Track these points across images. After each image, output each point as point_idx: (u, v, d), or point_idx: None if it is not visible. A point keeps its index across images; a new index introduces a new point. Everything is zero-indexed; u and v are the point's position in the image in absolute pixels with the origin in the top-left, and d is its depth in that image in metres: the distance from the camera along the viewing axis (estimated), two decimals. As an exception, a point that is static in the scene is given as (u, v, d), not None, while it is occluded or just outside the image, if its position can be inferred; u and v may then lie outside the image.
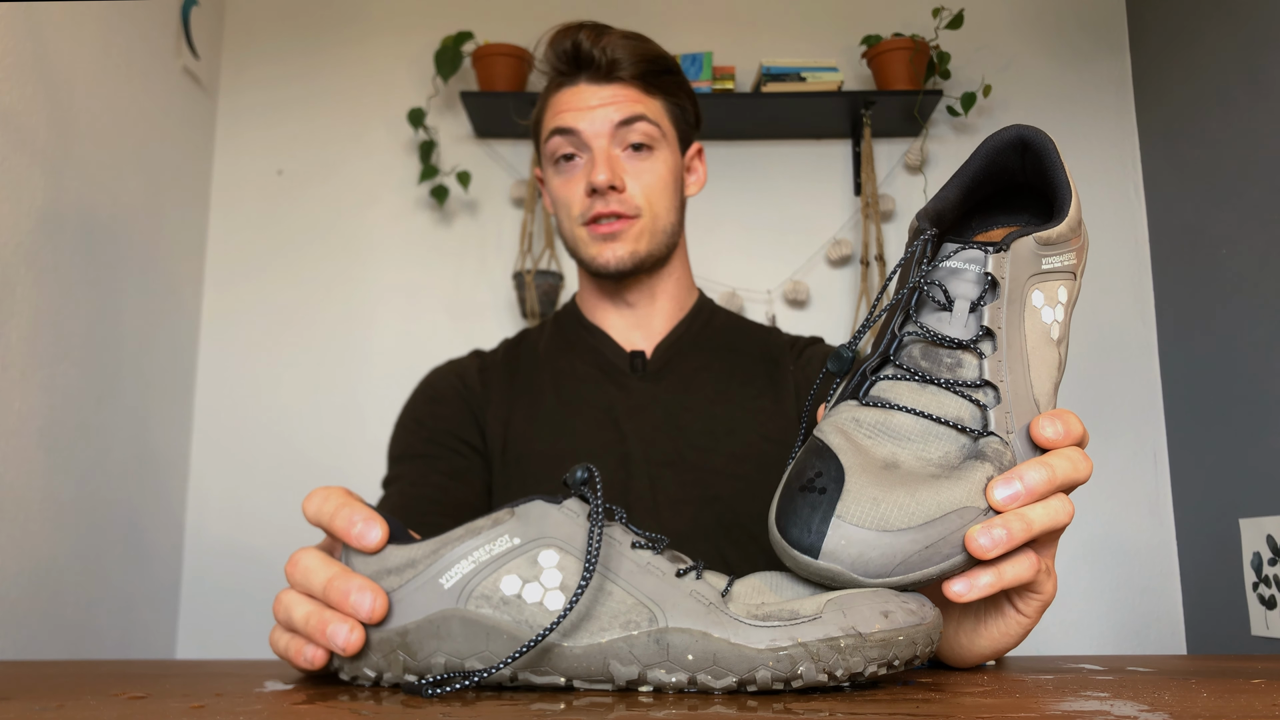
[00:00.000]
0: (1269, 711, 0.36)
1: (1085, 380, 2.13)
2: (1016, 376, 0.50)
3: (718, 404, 0.95)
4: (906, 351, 0.51)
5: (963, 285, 0.51)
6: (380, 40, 2.25)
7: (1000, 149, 0.56)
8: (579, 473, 0.46)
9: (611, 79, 0.95)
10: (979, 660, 0.57)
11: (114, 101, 1.73)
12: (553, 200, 1.00)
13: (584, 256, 0.97)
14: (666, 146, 0.98)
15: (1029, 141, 0.56)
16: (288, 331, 2.14)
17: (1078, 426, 0.50)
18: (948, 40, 2.22)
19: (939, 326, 0.51)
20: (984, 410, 0.49)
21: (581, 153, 0.96)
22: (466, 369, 1.01)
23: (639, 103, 0.95)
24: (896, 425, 0.49)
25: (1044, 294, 0.51)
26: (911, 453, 0.48)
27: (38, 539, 1.49)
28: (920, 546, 0.45)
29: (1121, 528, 2.08)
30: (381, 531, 0.47)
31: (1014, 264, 0.50)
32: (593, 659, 0.43)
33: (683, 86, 1.01)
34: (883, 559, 0.45)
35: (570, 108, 0.95)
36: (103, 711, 0.39)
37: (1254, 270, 1.79)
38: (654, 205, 0.96)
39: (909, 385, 0.50)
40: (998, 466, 0.48)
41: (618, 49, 0.94)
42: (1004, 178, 0.58)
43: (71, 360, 1.58)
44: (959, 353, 0.50)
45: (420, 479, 0.92)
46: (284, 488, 2.07)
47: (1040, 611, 0.53)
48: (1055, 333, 0.52)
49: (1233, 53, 1.87)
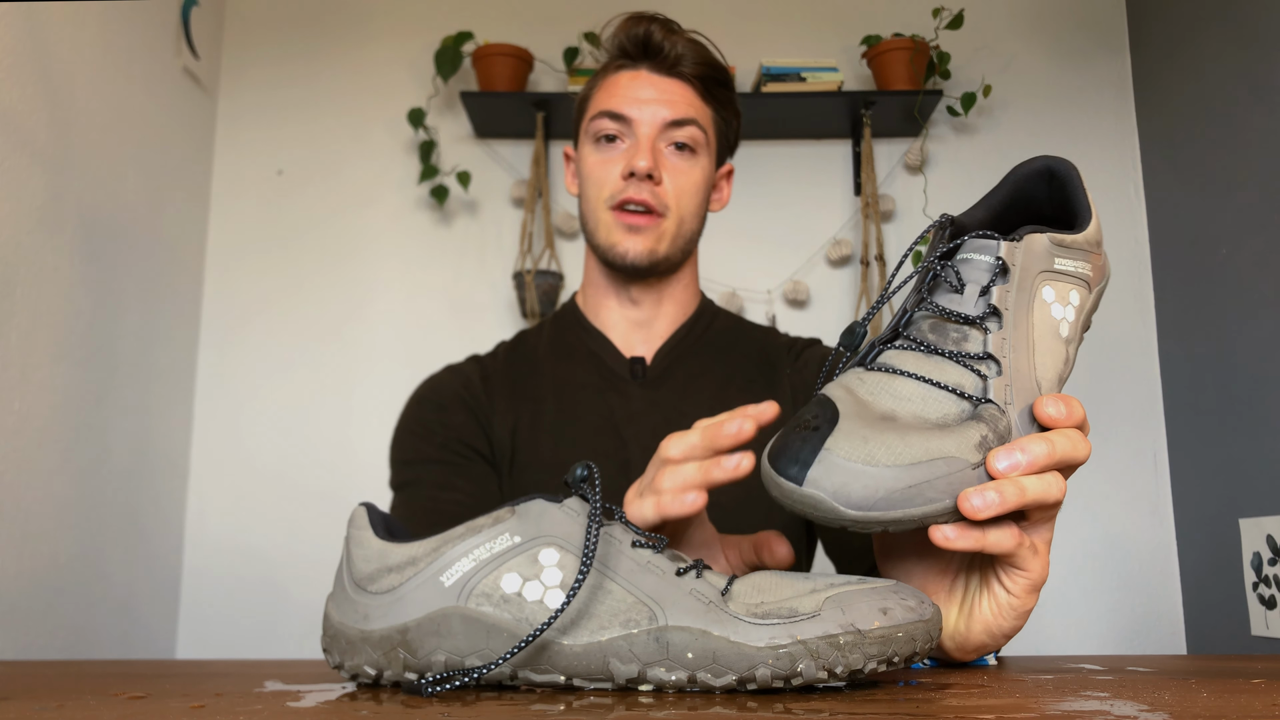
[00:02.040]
0: (1269, 711, 0.36)
1: (1085, 380, 2.13)
2: (1019, 355, 0.52)
3: (717, 410, 0.95)
4: (916, 326, 0.54)
5: (975, 271, 0.53)
6: (380, 40, 2.25)
7: (1028, 177, 0.59)
8: (579, 470, 0.46)
9: (673, 73, 0.97)
10: (978, 649, 0.56)
11: (114, 101, 1.73)
12: (583, 177, 0.99)
13: (604, 242, 0.96)
14: (706, 154, 0.99)
15: (1055, 172, 0.58)
16: (287, 331, 2.14)
17: (1080, 410, 0.51)
18: (948, 40, 2.22)
19: (949, 306, 0.53)
20: (985, 380, 0.51)
21: (625, 137, 0.96)
22: (469, 376, 1.00)
23: (692, 106, 0.97)
24: (898, 387, 0.51)
25: (1055, 291, 0.53)
26: (910, 411, 0.50)
27: (38, 539, 1.49)
28: (904, 485, 0.46)
29: (1121, 528, 2.08)
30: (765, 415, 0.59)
31: (1026, 255, 0.53)
32: (592, 657, 0.43)
33: (733, 104, 1.02)
34: (865, 491, 0.46)
35: (626, 93, 0.96)
36: (103, 711, 0.39)
37: (1254, 270, 1.79)
38: (682, 207, 0.96)
39: (915, 355, 0.52)
40: (993, 429, 0.49)
41: (685, 47, 0.97)
42: (1029, 207, 0.60)
43: (71, 360, 1.58)
44: (966, 328, 0.52)
45: (445, 482, 0.92)
46: (284, 487, 2.07)
47: (1029, 592, 0.53)
48: (1065, 330, 0.54)
49: (1233, 53, 1.87)
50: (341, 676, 0.52)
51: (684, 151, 0.96)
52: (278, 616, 2.02)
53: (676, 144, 0.96)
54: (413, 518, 0.91)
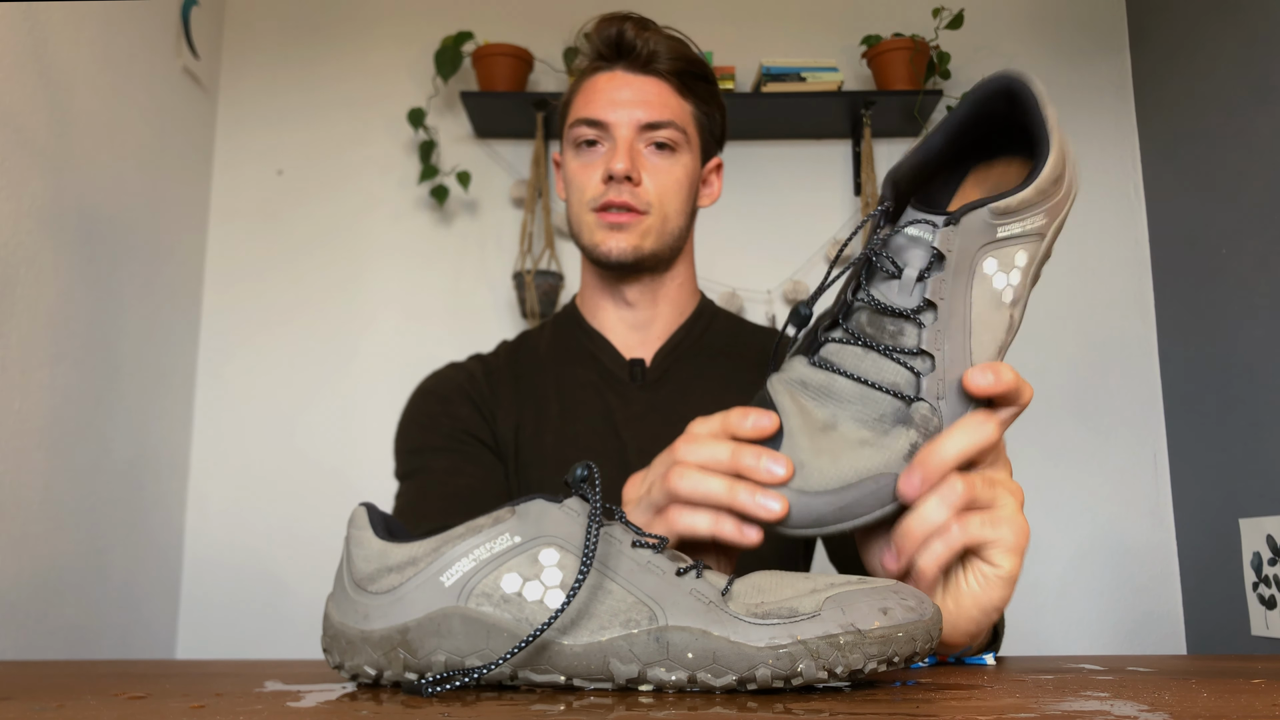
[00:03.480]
0: (1269, 711, 0.36)
1: (1085, 380, 2.13)
2: (954, 345, 0.53)
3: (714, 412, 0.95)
4: (855, 317, 0.55)
5: (913, 255, 0.53)
6: (380, 40, 2.25)
7: (988, 97, 0.57)
8: (579, 470, 0.46)
9: (648, 70, 0.97)
10: (972, 630, 0.55)
11: (114, 101, 1.73)
12: (566, 183, 1.00)
13: (588, 243, 0.97)
14: (688, 151, 0.98)
15: (1014, 92, 0.56)
16: (287, 331, 2.14)
17: (1008, 374, 0.53)
18: (948, 40, 2.22)
19: (887, 294, 0.54)
20: (919, 377, 0.53)
21: (604, 141, 0.96)
22: (472, 372, 1.01)
23: (668, 105, 0.96)
24: (839, 389, 0.54)
25: (998, 261, 0.54)
26: (850, 414, 0.54)
27: (38, 539, 1.49)
28: (834, 508, 0.52)
29: (1121, 528, 2.08)
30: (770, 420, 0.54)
31: (963, 236, 0.53)
32: (593, 657, 0.43)
33: (715, 97, 1.02)
34: (798, 514, 0.52)
35: (602, 98, 0.96)
36: (103, 711, 0.39)
37: (1254, 270, 1.79)
38: (665, 205, 0.96)
39: (854, 350, 0.55)
40: (923, 432, 0.53)
41: (659, 43, 0.96)
42: (993, 122, 0.59)
43: (71, 360, 1.58)
44: (901, 321, 0.54)
45: (454, 468, 0.93)
46: (283, 487, 2.07)
47: (1011, 555, 0.53)
48: (1008, 296, 0.54)
49: (1233, 53, 1.87)
50: (341, 676, 0.52)
51: (664, 150, 0.96)
52: (278, 616, 2.02)
53: (656, 144, 0.96)
54: (425, 501, 0.91)
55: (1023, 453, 2.08)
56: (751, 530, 0.53)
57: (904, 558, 0.52)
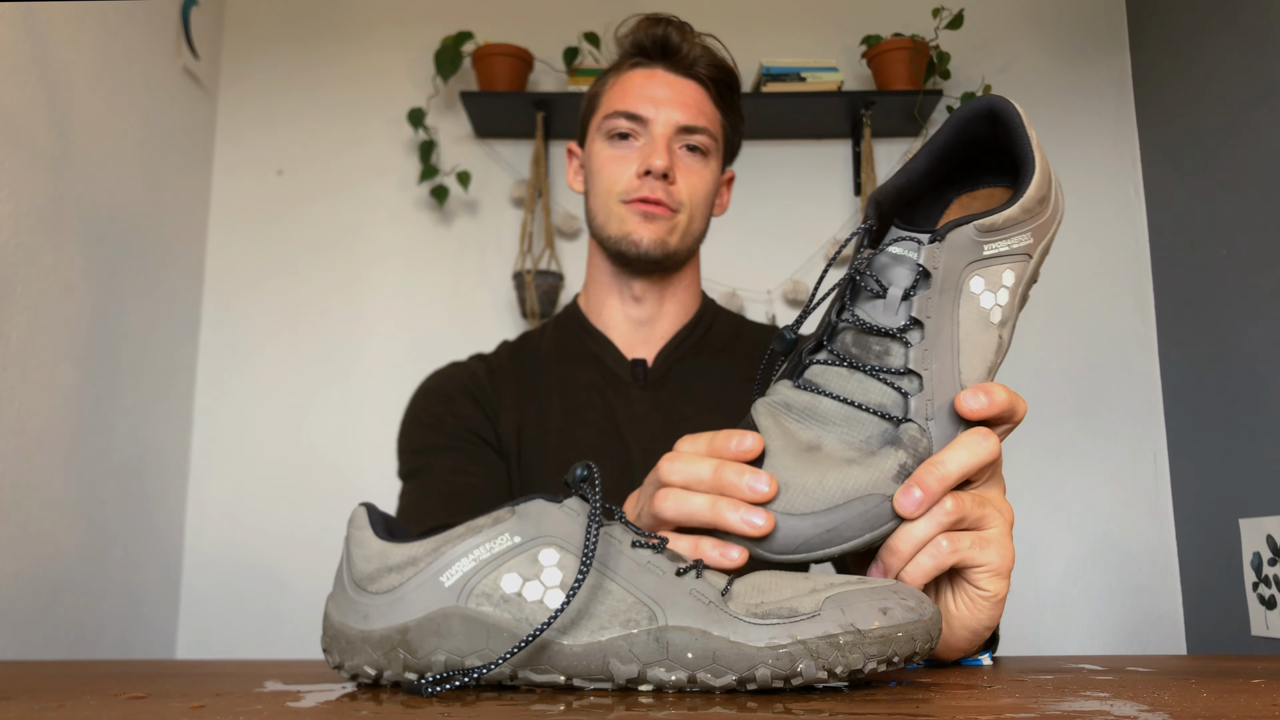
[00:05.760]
0: (1269, 711, 0.36)
1: (1085, 380, 2.13)
2: (943, 364, 0.52)
3: (716, 412, 0.96)
4: (840, 338, 0.54)
5: (897, 273, 0.52)
6: (380, 40, 2.25)
7: (971, 119, 0.57)
8: (579, 470, 0.46)
9: (689, 74, 0.99)
10: (963, 649, 0.56)
11: (114, 101, 1.73)
12: (593, 173, 1.00)
13: (617, 233, 0.97)
14: (715, 158, 1.01)
15: (998, 113, 0.56)
16: (287, 331, 2.14)
17: (1000, 394, 0.52)
18: (948, 40, 2.22)
19: (872, 314, 0.53)
20: (906, 398, 0.52)
21: (639, 136, 0.97)
22: (474, 371, 1.01)
23: (704, 110, 0.99)
24: (824, 410, 0.53)
25: (985, 280, 0.53)
26: (835, 435, 0.52)
27: (38, 539, 1.49)
28: (821, 530, 0.49)
29: (1121, 528, 2.08)
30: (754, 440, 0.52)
31: (949, 253, 0.52)
32: (592, 657, 0.43)
33: (740, 111, 1.04)
34: (784, 539, 0.50)
35: (642, 93, 0.97)
36: (103, 711, 0.39)
37: (1254, 270, 1.79)
38: (694, 207, 0.98)
39: (838, 371, 0.53)
40: (912, 454, 0.51)
41: (701, 49, 1.00)
42: (976, 146, 0.58)
43: (71, 360, 1.58)
44: (887, 341, 0.52)
45: (458, 468, 0.93)
46: (283, 487, 2.07)
47: (997, 578, 0.53)
48: (996, 316, 0.53)
49: (1233, 52, 1.87)
50: (341, 676, 0.52)
51: (695, 154, 0.98)
52: (278, 616, 2.02)
53: (689, 146, 0.98)
54: (429, 500, 0.91)
55: (1023, 453, 2.08)
56: (733, 550, 0.51)
57: (890, 574, 0.51)
